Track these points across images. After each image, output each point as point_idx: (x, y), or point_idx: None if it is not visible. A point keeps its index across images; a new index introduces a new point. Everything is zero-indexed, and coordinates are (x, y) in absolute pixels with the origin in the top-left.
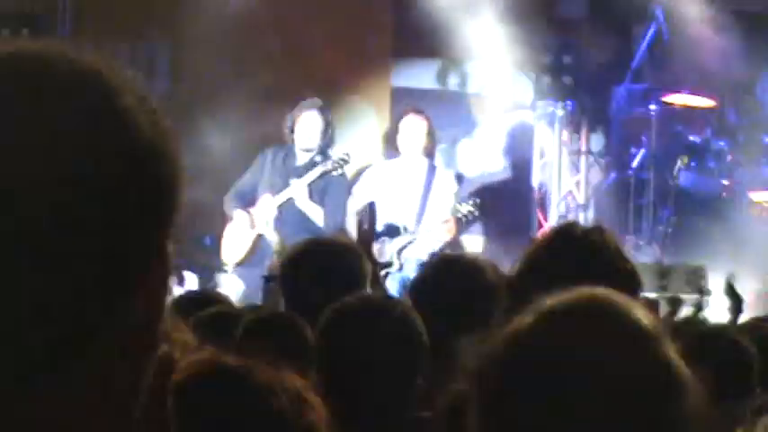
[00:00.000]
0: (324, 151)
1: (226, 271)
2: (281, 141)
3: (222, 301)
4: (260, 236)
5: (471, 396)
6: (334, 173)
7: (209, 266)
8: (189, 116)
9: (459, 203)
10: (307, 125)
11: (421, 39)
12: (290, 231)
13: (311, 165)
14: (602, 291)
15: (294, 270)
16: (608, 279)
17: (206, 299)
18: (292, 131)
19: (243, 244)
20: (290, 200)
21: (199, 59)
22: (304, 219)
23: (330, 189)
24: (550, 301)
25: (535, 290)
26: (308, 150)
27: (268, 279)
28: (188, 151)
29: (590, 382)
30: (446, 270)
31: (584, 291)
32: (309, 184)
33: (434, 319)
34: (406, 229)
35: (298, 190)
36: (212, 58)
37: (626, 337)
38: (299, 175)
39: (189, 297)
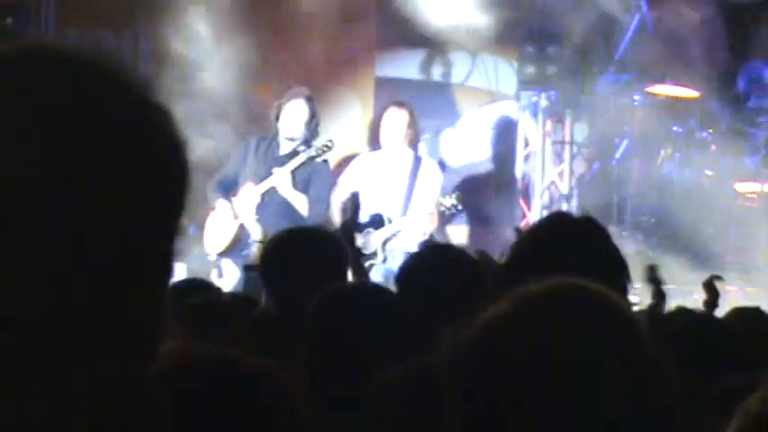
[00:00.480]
0: (308, 141)
1: (209, 260)
2: (264, 130)
3: (210, 288)
4: (242, 226)
5: (447, 383)
6: (318, 159)
7: (192, 256)
8: (173, 106)
9: (443, 196)
10: (292, 114)
11: (404, 28)
12: (272, 220)
13: (294, 154)
14: (578, 279)
15: (275, 259)
16: (598, 269)
17: (196, 286)
18: (277, 119)
19: (225, 234)
20: (272, 188)
21: (183, 49)
22: (287, 207)
23: (314, 177)
24: (527, 288)
25: (524, 279)
26: (291, 139)
27: (248, 268)
28: None
29: (568, 367)
30: (434, 258)
31: (561, 279)
32: (293, 172)
33: (421, 306)
34: (390, 220)
35: (281, 178)
36: (196, 48)
37: (605, 322)
38: (282, 164)
39: (178, 285)
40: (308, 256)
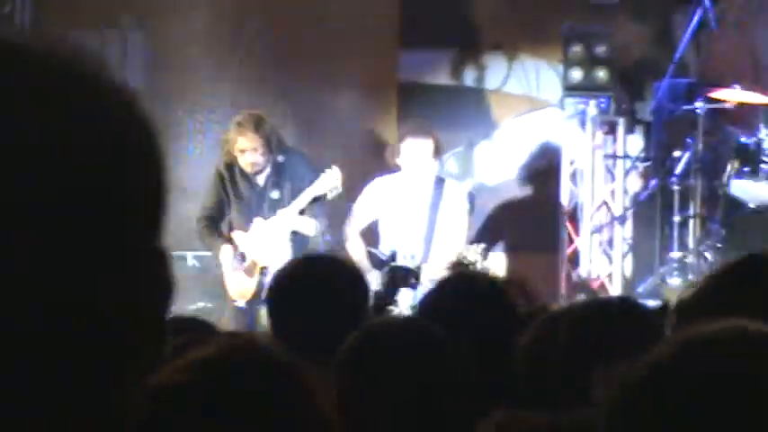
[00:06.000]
0: (271, 153)
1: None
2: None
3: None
4: (262, 275)
5: (608, 423)
6: (329, 196)
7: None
8: (166, 109)
9: (467, 248)
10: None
11: (433, 26)
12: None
13: (275, 171)
14: (748, 321)
15: (282, 289)
16: None
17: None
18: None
19: (248, 285)
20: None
21: (178, 46)
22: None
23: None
24: (701, 328)
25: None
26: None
27: None
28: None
29: (748, 412)
30: (457, 288)
31: (736, 320)
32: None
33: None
34: (414, 257)
35: (289, 219)
36: (194, 46)
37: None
38: (262, 197)
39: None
40: (320, 288)
